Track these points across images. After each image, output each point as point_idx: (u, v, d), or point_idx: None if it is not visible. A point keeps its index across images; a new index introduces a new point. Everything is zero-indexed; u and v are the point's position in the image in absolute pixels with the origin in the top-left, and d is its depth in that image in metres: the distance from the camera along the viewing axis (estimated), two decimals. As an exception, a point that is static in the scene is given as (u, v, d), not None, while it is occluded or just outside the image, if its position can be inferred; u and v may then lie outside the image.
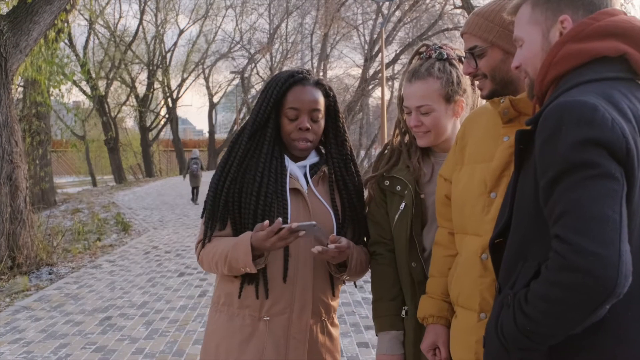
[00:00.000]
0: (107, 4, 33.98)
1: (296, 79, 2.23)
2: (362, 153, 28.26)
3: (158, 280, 8.18)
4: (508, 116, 1.85)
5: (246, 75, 33.88)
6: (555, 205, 1.34)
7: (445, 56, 2.14)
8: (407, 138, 2.26)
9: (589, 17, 1.49)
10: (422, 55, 2.18)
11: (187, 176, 20.03)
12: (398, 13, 24.44)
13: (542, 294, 1.34)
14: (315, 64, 26.82)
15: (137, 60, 39.21)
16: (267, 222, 1.97)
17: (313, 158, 2.33)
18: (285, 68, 32.35)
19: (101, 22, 35.50)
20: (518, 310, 1.39)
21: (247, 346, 2.18)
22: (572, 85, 1.44)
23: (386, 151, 2.31)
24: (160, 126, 43.15)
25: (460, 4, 17.05)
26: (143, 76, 39.89)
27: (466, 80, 2.15)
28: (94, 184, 37.10)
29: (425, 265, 2.14)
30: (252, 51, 32.44)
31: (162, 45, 40.10)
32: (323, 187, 2.29)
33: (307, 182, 2.26)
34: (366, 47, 25.10)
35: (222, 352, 2.21)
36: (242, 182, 2.18)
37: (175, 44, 41.22)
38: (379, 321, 2.23)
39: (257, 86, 35.17)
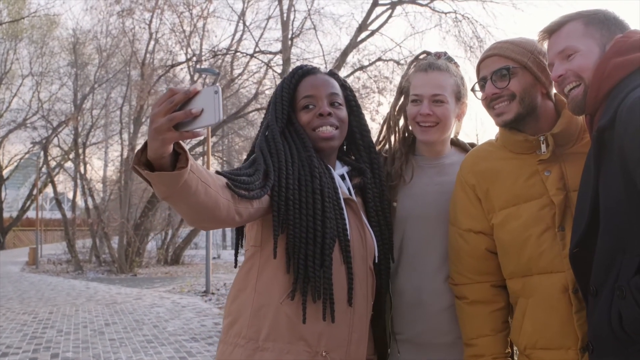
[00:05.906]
0: None
1: (305, 70, 2.00)
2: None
3: (-23, 362, 7.11)
4: (552, 151, 1.86)
5: (51, 145, 31.66)
6: None
7: (454, 60, 2.19)
8: (394, 139, 2.20)
9: (622, 36, 1.69)
10: (430, 55, 2.19)
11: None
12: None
13: None
14: (125, 139, 25.79)
15: None
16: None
17: (341, 168, 2.03)
18: (93, 139, 30.60)
19: None
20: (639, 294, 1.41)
21: None
22: (633, 88, 1.57)
23: None
24: None
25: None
26: None
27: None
28: None
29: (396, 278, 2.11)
30: (55, 122, 30.54)
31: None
32: (359, 201, 2.03)
33: (350, 193, 1.98)
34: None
35: None
36: (298, 178, 1.82)
37: (-40, 111, 37.52)
38: None
39: (57, 158, 32.97)
